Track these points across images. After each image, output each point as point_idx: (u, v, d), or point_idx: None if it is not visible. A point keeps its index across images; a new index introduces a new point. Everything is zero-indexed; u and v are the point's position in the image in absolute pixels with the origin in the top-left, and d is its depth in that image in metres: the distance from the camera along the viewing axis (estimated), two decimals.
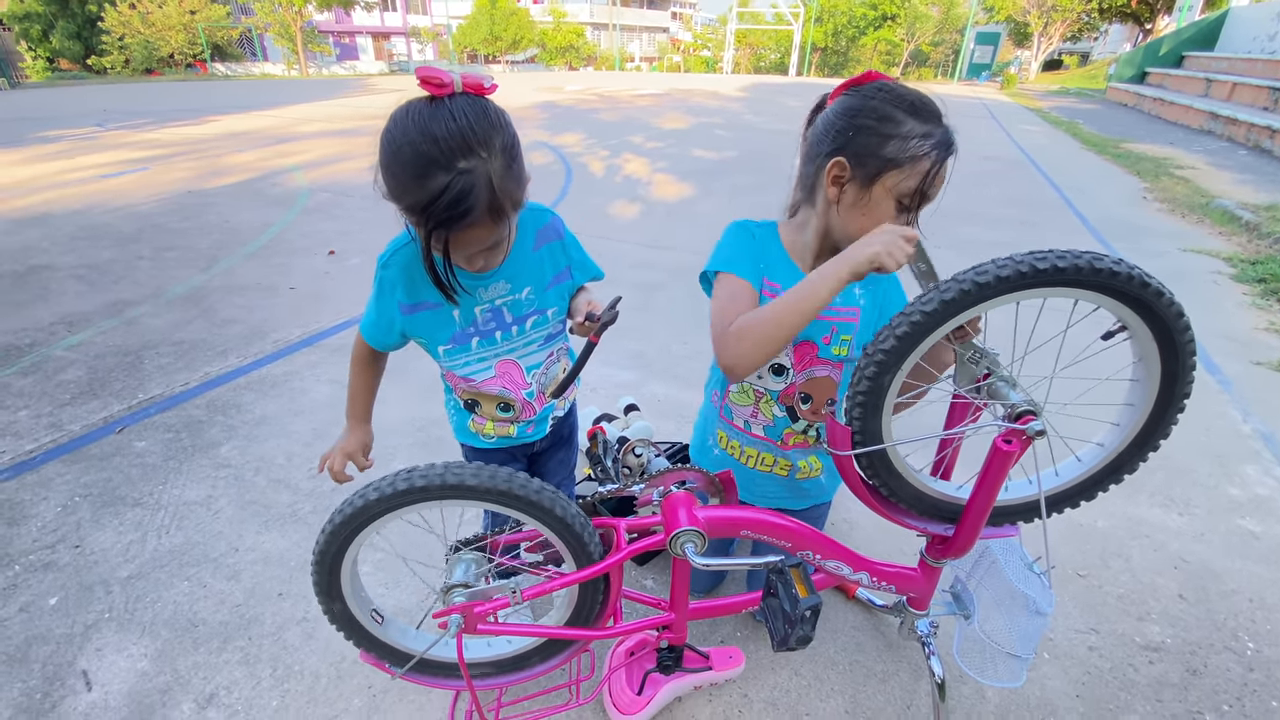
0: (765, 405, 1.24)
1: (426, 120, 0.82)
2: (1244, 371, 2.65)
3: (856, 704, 1.31)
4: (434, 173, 0.82)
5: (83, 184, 5.79)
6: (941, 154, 0.96)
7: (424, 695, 1.30)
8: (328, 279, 3.59)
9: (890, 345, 0.84)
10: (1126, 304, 0.81)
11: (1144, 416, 0.91)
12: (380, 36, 39.51)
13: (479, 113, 0.85)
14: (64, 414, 2.28)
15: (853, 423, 0.92)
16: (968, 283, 0.79)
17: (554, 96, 14.96)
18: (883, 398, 0.89)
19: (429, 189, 0.82)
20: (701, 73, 33.61)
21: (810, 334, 1.14)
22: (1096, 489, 1.02)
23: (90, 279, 3.56)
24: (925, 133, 0.96)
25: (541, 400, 1.24)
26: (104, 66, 25.25)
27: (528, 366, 1.19)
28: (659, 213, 5.02)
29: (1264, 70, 10.32)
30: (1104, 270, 0.77)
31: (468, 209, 0.84)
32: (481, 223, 0.88)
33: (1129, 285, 0.78)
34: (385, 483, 0.92)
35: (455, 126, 0.82)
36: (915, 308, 0.82)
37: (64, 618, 1.48)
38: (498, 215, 0.89)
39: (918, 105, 0.97)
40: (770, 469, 1.30)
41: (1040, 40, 26.75)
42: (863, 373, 0.88)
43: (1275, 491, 1.94)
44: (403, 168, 0.83)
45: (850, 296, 1.14)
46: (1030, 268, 0.77)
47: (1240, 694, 1.34)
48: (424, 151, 0.82)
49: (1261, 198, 5.31)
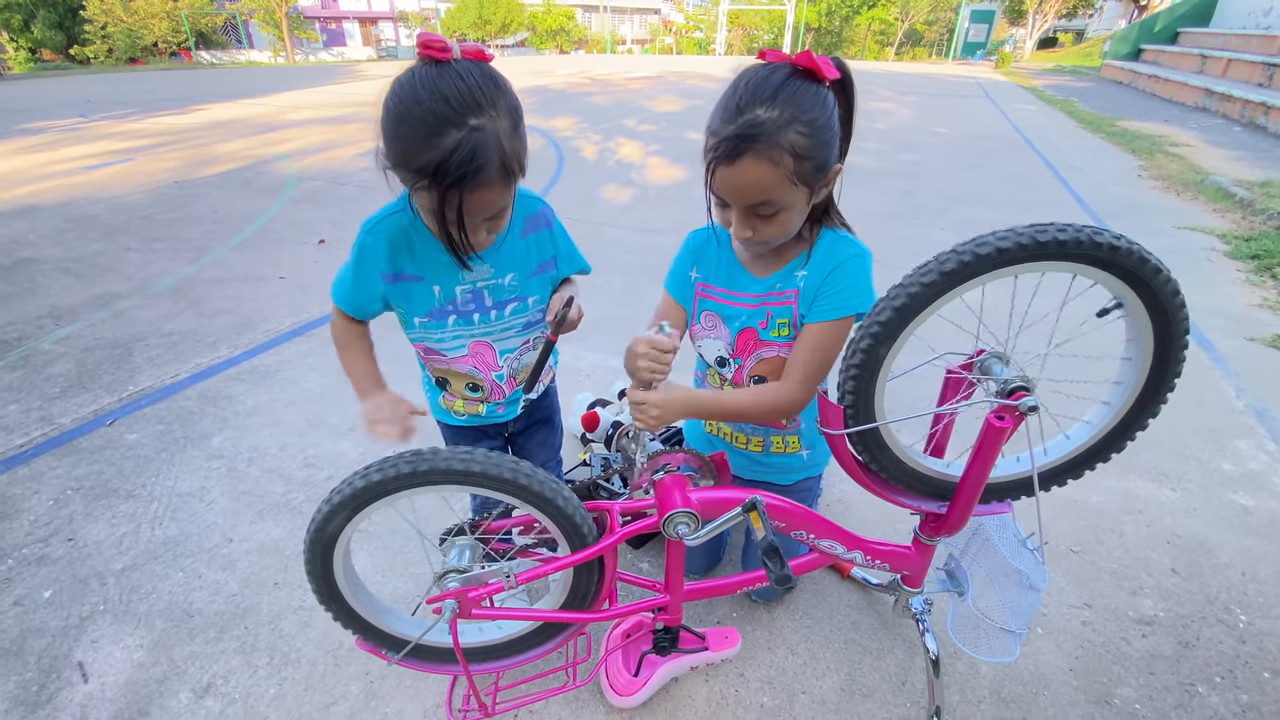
0: (728, 389, 1.26)
1: (435, 81, 0.82)
2: (1237, 347, 2.65)
3: (852, 681, 1.32)
4: (446, 129, 0.81)
5: (68, 176, 5.71)
6: (711, 161, 0.94)
7: (421, 681, 1.30)
8: (318, 268, 3.56)
9: (886, 318, 0.83)
10: (1124, 279, 0.80)
11: (1135, 393, 0.91)
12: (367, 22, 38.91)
13: (485, 74, 0.85)
14: (54, 407, 2.26)
15: (845, 398, 0.91)
16: (968, 254, 0.78)
17: (545, 80, 14.79)
18: (877, 373, 0.88)
19: (442, 146, 0.82)
20: (694, 54, 33.26)
21: (747, 321, 1.16)
22: (1085, 467, 1.01)
23: (77, 271, 3.52)
24: (715, 129, 0.94)
25: (511, 384, 1.23)
26: (87, 56, 24.82)
27: (502, 350, 1.18)
28: (651, 196, 4.99)
29: (1258, 46, 10.27)
30: (1104, 245, 0.76)
31: (480, 164, 0.84)
32: (493, 183, 0.87)
33: (1128, 261, 0.77)
34: (387, 465, 0.91)
35: (464, 85, 0.82)
36: (914, 279, 0.81)
37: (59, 610, 1.48)
38: (507, 176, 0.89)
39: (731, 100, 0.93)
40: (745, 446, 1.34)
41: (1035, 18, 26.50)
42: (857, 345, 0.86)
43: (1268, 466, 1.95)
44: (413, 129, 0.83)
45: (790, 279, 1.11)
46: (1031, 240, 0.76)
47: (1232, 666, 1.35)
48: (435, 110, 0.81)
49: (1255, 174, 5.29)
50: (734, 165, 0.92)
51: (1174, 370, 0.87)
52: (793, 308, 1.12)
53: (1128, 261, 0.77)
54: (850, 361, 0.88)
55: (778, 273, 1.13)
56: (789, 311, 1.12)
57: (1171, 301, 0.81)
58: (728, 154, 0.91)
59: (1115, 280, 0.80)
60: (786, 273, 1.12)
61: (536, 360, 1.15)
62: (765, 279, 1.14)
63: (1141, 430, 0.95)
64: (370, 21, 38.90)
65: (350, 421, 2.15)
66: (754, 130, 0.89)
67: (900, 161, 6.24)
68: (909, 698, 1.28)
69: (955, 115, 9.54)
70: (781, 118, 0.88)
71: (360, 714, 1.25)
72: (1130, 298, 0.82)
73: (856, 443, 0.96)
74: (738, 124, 0.90)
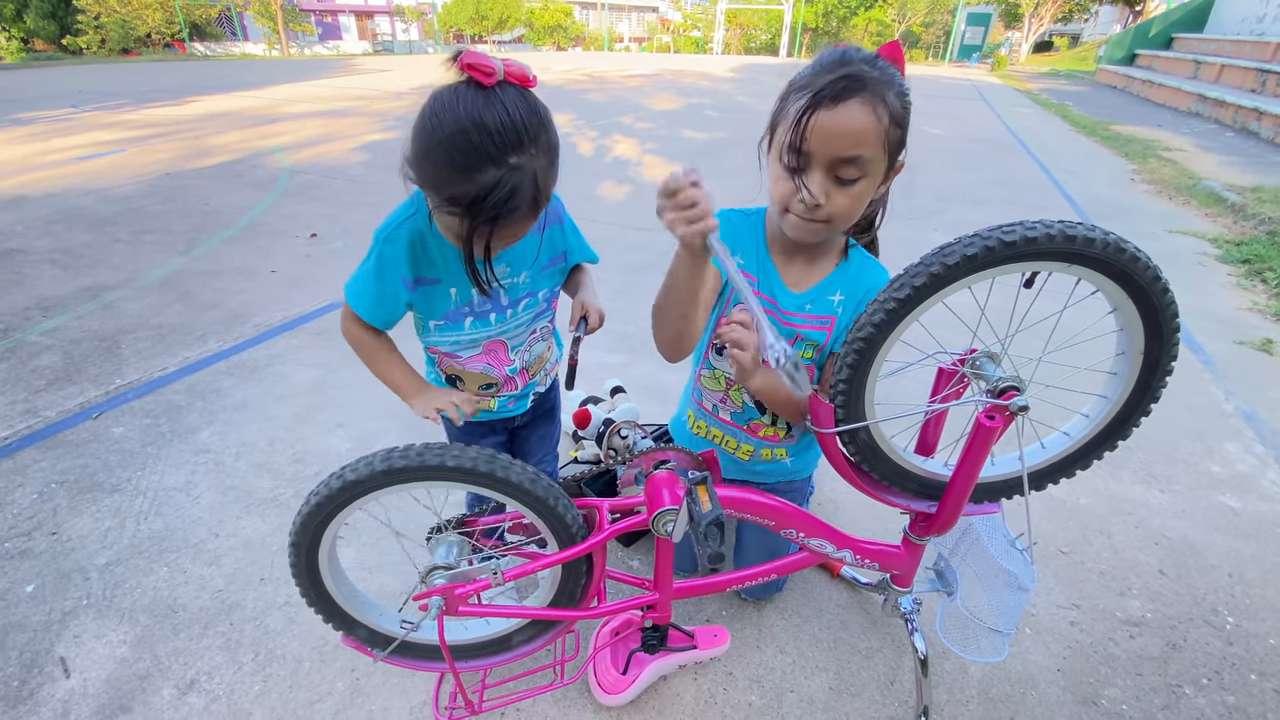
0: (735, 393, 1.25)
1: (480, 110, 0.78)
2: (1227, 351, 2.67)
3: (841, 680, 1.32)
4: (485, 167, 0.79)
5: (58, 167, 5.65)
6: (811, 101, 0.88)
7: (408, 678, 1.29)
8: (309, 262, 3.53)
9: (867, 333, 0.84)
10: (1104, 273, 0.78)
11: (1129, 386, 0.90)
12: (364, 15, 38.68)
13: (530, 108, 0.82)
14: (39, 400, 2.23)
15: (836, 399, 0.90)
16: (936, 265, 0.77)
17: (542, 76, 14.53)
18: (866, 377, 0.88)
19: (479, 183, 0.79)
20: (691, 53, 33.24)
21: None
22: (1076, 465, 1.01)
23: (66, 263, 3.48)
24: (807, 84, 0.91)
25: (525, 376, 1.23)
26: (79, 46, 24.54)
27: (513, 345, 1.18)
28: (648, 194, 4.96)
29: (1252, 52, 10.34)
30: (1077, 238, 0.74)
31: (516, 206, 0.82)
32: (523, 218, 0.87)
33: (1104, 252, 0.75)
34: (363, 463, 0.91)
35: (510, 121, 0.78)
36: (889, 294, 0.81)
37: (41, 605, 1.46)
38: (536, 209, 0.88)
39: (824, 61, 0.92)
40: (734, 452, 1.32)
41: (1031, 21, 26.62)
42: (843, 360, 0.87)
43: (1255, 468, 1.96)
44: (449, 157, 0.79)
45: (827, 305, 1.11)
46: (998, 242, 0.75)
47: (1219, 667, 1.36)
48: (476, 143, 0.78)
49: (1247, 179, 5.33)
50: (838, 108, 0.87)
51: (1168, 358, 0.85)
52: (826, 334, 1.11)
53: (1104, 253, 0.76)
54: (839, 378, 0.89)
55: (813, 288, 1.11)
56: (821, 337, 1.12)
57: (1154, 288, 0.79)
58: (834, 94, 0.87)
59: (1096, 274, 0.79)
60: (820, 290, 1.10)
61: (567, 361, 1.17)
62: (800, 294, 1.11)
63: (1136, 427, 0.94)
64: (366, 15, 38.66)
65: (338, 419, 2.14)
66: (863, 76, 0.87)
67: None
68: (897, 697, 1.28)
69: (951, 117, 9.57)
70: (884, 77, 0.89)
71: (346, 711, 1.24)
72: (1114, 291, 0.80)
73: (847, 442, 0.96)
74: (844, 70, 0.88)
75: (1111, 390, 0.93)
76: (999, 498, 1.07)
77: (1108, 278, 0.78)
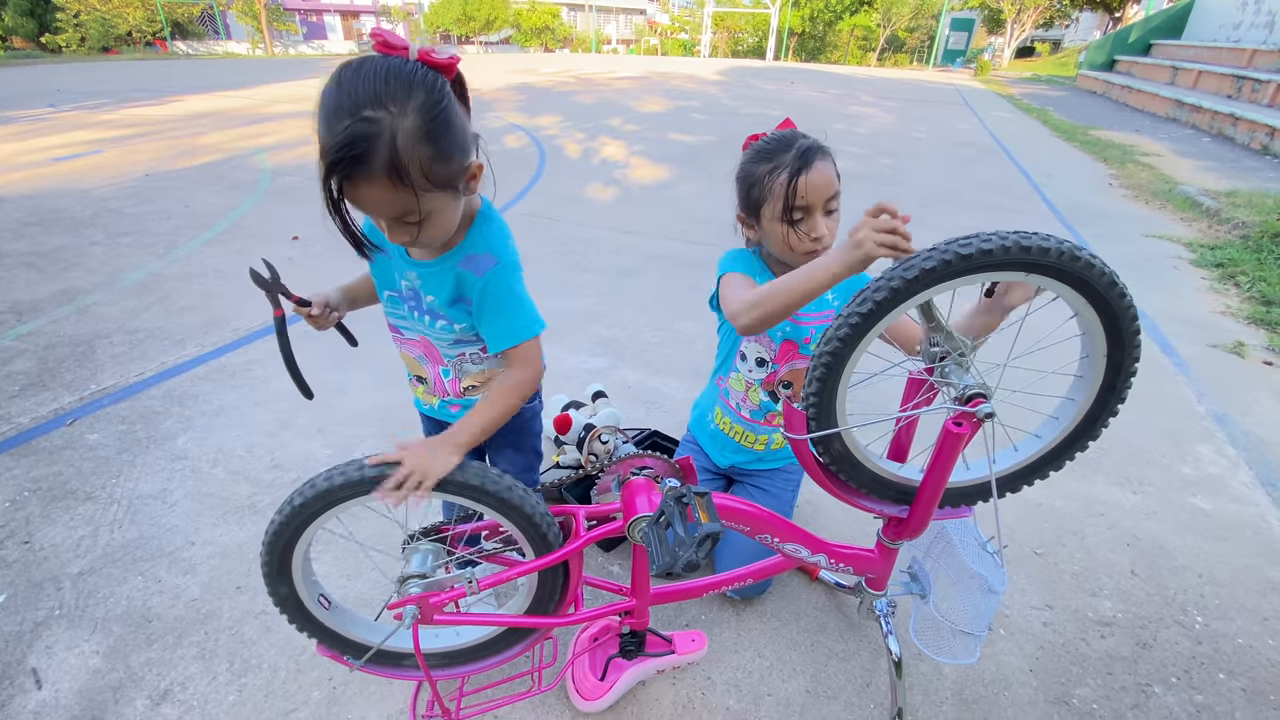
0: (753, 392, 1.45)
1: (352, 71, 0.82)
2: (1200, 354, 2.71)
3: (818, 683, 1.33)
4: (340, 117, 0.80)
5: (34, 168, 5.56)
6: (789, 176, 1.18)
7: (385, 687, 1.28)
8: (291, 265, 3.50)
9: (834, 347, 0.85)
10: (1062, 280, 0.80)
11: (1095, 391, 0.92)
12: (349, 15, 38.39)
13: (402, 72, 0.82)
14: (12, 406, 2.20)
15: (809, 408, 0.91)
16: (897, 280, 0.79)
17: (529, 78, 14.70)
18: (835, 388, 0.89)
19: (334, 131, 0.80)
20: (679, 56, 33.31)
21: (792, 335, 1.36)
22: (1049, 467, 1.03)
23: (40, 266, 3.42)
24: (771, 169, 1.20)
25: (455, 385, 1.19)
26: (59, 45, 24.15)
27: (443, 353, 1.16)
28: (635, 197, 4.98)
29: (1228, 58, 10.55)
30: (1032, 249, 0.76)
31: (360, 155, 0.80)
32: (377, 180, 0.83)
33: (1059, 261, 0.77)
34: (336, 472, 0.91)
35: (371, 77, 0.81)
36: (853, 309, 0.83)
37: (12, 615, 1.44)
38: (399, 178, 0.83)
39: (767, 149, 1.22)
40: (751, 445, 1.52)
41: (1013, 27, 26.98)
42: (812, 373, 0.89)
43: (1226, 470, 2.00)
44: (322, 107, 0.82)
45: (823, 302, 1.33)
46: (955, 255, 0.76)
47: (1188, 666, 1.38)
48: (335, 97, 0.81)
49: (1222, 184, 5.43)
50: (814, 169, 1.17)
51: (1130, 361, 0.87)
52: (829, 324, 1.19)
53: (1060, 262, 0.77)
54: (810, 390, 0.90)
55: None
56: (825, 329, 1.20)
57: (1111, 293, 0.80)
58: (809, 161, 1.17)
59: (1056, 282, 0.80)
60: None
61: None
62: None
63: (1105, 427, 0.96)
64: (352, 15, 38.39)
65: (317, 424, 2.12)
66: (812, 143, 1.20)
67: (880, 165, 6.31)
68: (873, 699, 1.29)
69: (935, 121, 9.67)
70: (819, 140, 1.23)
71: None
72: (1074, 298, 0.82)
73: (820, 448, 0.97)
74: (801, 144, 1.19)
75: (1078, 393, 0.95)
76: (975, 501, 1.09)
77: (1065, 284, 0.80)
